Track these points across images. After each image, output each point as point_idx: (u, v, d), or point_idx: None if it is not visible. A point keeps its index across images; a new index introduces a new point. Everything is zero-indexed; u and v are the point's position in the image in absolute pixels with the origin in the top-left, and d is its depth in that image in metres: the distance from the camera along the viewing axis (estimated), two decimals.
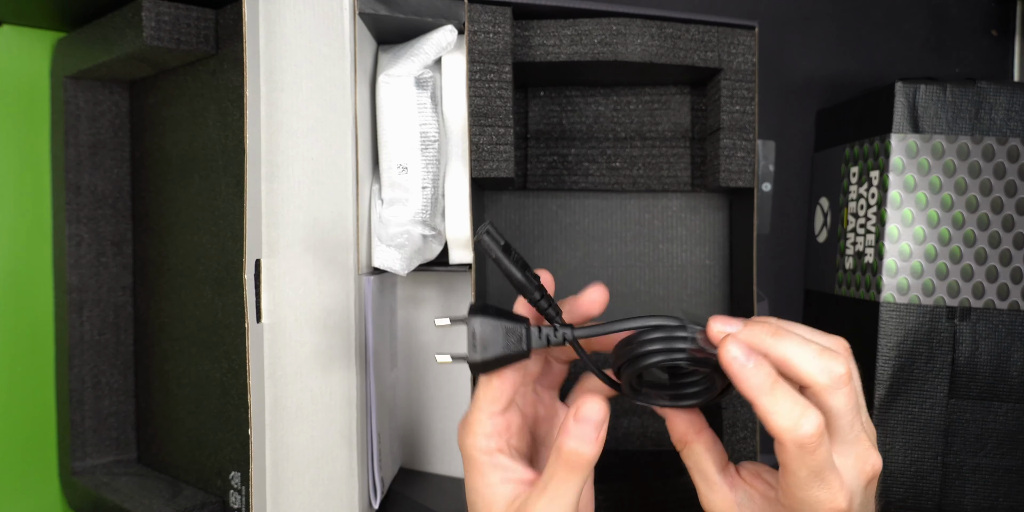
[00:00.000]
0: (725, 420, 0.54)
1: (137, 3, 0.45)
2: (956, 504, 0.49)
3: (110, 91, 0.53)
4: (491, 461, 0.36)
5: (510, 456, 0.36)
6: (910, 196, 0.50)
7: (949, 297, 0.49)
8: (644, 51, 0.51)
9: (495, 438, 0.36)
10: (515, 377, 0.36)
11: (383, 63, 0.48)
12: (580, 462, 0.33)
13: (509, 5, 0.49)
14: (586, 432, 0.33)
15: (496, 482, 0.36)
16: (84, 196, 0.53)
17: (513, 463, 0.36)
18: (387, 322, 0.53)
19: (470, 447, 0.36)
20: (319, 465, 0.44)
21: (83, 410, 0.53)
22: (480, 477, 0.36)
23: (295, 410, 0.43)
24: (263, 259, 0.42)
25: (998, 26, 0.67)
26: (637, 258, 0.59)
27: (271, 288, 0.42)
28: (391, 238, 0.47)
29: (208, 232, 0.47)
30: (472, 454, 0.36)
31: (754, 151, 0.53)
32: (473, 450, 0.36)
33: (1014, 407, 0.49)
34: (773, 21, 0.63)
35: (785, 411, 0.30)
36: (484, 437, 0.36)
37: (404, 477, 0.55)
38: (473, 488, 0.36)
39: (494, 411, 0.36)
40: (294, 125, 0.43)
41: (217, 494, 0.47)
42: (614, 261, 0.59)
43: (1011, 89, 0.49)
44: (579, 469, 0.33)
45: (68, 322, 0.53)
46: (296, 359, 0.43)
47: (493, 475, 0.36)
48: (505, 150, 0.49)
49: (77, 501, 0.52)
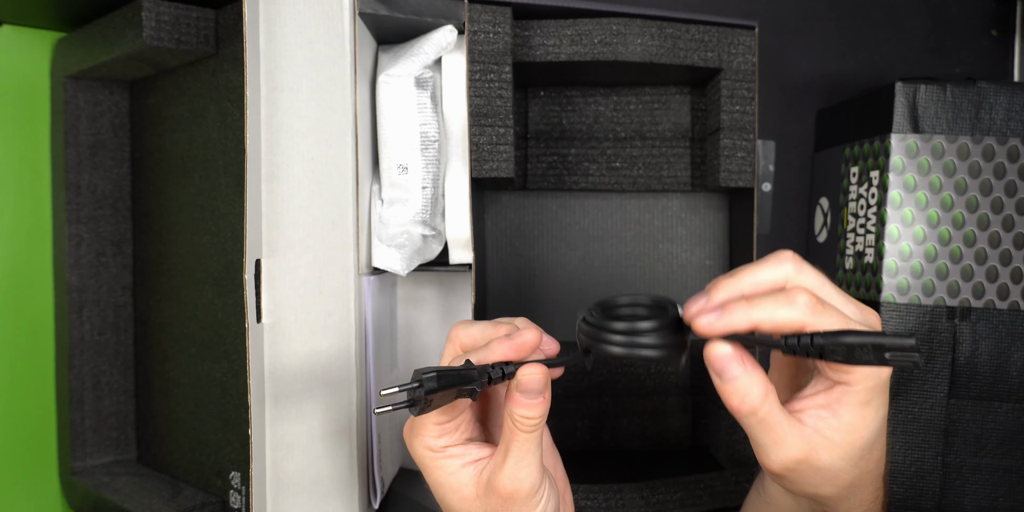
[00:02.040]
0: (723, 420, 0.54)
1: (137, 3, 0.45)
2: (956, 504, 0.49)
3: (110, 91, 0.53)
4: (443, 456, 0.36)
5: (462, 445, 0.37)
6: (910, 196, 0.50)
7: (949, 297, 0.49)
8: (644, 51, 0.51)
9: (443, 438, 0.37)
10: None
11: (383, 63, 0.48)
12: (531, 424, 0.35)
13: (509, 5, 0.49)
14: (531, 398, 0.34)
15: (456, 469, 0.36)
16: (84, 196, 0.53)
17: (466, 449, 0.37)
18: (387, 322, 0.53)
19: (419, 448, 0.37)
20: (319, 465, 0.44)
21: (83, 410, 0.53)
22: (439, 471, 0.36)
23: (295, 410, 0.43)
24: (263, 259, 0.42)
25: (998, 26, 0.67)
26: (637, 258, 0.59)
27: (271, 288, 0.42)
28: (391, 238, 0.47)
29: (208, 232, 0.47)
30: (423, 454, 0.37)
31: (754, 151, 0.53)
32: (423, 450, 0.37)
33: (1014, 407, 0.49)
34: (773, 21, 0.63)
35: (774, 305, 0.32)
36: (432, 438, 0.36)
37: (404, 477, 0.55)
38: (436, 483, 0.37)
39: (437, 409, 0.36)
40: (294, 125, 0.43)
41: (217, 494, 0.47)
42: (614, 261, 0.59)
43: (1011, 89, 0.49)
44: (533, 429, 0.35)
45: (68, 322, 0.53)
46: (296, 359, 0.43)
47: (450, 465, 0.36)
48: (505, 150, 0.49)
49: (77, 501, 0.52)
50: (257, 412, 0.41)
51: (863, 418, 0.33)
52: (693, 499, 0.53)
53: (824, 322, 0.31)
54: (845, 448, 0.33)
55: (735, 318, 0.32)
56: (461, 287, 0.55)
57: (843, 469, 0.34)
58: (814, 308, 0.31)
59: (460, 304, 0.55)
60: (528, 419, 0.34)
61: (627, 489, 0.52)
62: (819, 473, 0.34)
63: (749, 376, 0.32)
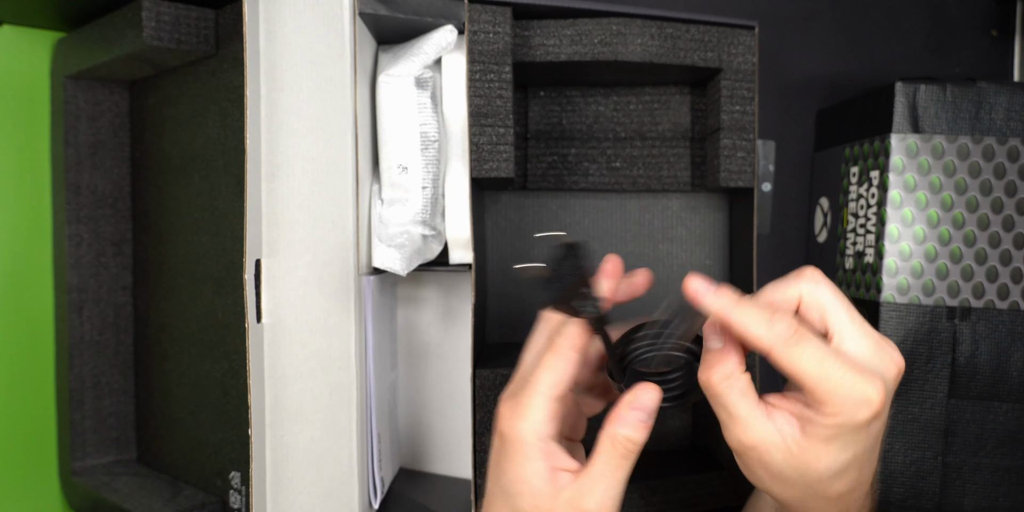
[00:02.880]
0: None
1: (137, 3, 0.45)
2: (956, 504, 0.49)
3: (110, 91, 0.53)
4: (545, 448, 0.34)
5: (557, 443, 0.35)
6: (910, 196, 0.50)
7: (949, 297, 0.49)
8: (644, 51, 0.51)
9: (551, 423, 0.34)
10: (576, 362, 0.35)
11: (383, 63, 0.48)
12: (632, 449, 0.34)
13: (509, 5, 0.49)
14: (640, 418, 0.34)
15: (544, 470, 0.34)
16: (84, 196, 0.53)
17: (562, 452, 0.35)
18: (387, 322, 0.53)
19: (524, 431, 0.34)
20: (319, 465, 0.44)
21: (83, 410, 0.53)
22: (528, 464, 0.34)
23: (295, 410, 0.43)
24: (263, 259, 0.42)
25: (998, 26, 0.67)
26: (637, 258, 0.59)
27: (271, 288, 0.42)
28: (391, 238, 0.47)
29: (208, 232, 0.47)
30: (526, 439, 0.34)
31: (754, 151, 0.53)
32: (527, 434, 0.34)
33: (1014, 407, 0.49)
34: (773, 21, 0.63)
35: (754, 320, 0.32)
36: (541, 422, 0.34)
37: (404, 477, 0.55)
38: (517, 476, 0.34)
39: (553, 395, 0.34)
40: (294, 125, 0.43)
41: (217, 494, 0.47)
42: None
43: (1011, 89, 0.49)
44: (630, 455, 0.34)
45: (68, 322, 0.53)
46: (296, 359, 0.43)
47: (542, 462, 0.34)
48: (505, 150, 0.49)
49: (77, 501, 0.52)
50: (257, 412, 0.41)
51: (820, 455, 0.32)
52: (693, 499, 0.53)
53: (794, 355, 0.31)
54: (796, 466, 0.32)
55: (717, 302, 0.32)
56: (461, 287, 0.55)
57: (791, 481, 0.33)
58: (788, 339, 0.31)
59: (460, 304, 0.55)
60: (631, 441, 0.34)
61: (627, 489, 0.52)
62: (767, 470, 0.33)
63: (724, 352, 0.33)
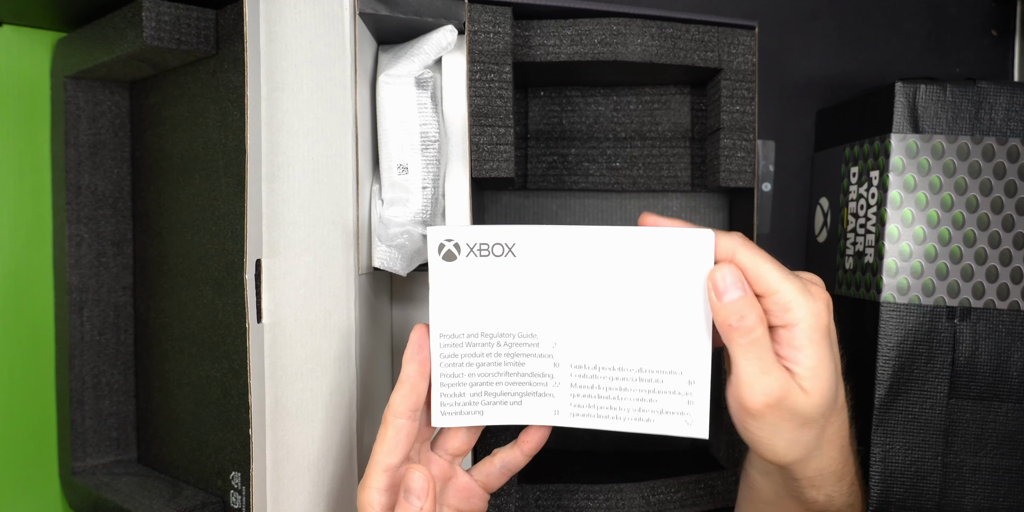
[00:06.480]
0: (723, 420, 0.54)
1: (137, 3, 0.45)
2: (956, 504, 0.49)
3: (110, 91, 0.53)
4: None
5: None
6: (910, 196, 0.50)
7: (949, 297, 0.49)
8: (644, 51, 0.51)
9: (389, 493, 0.37)
10: (410, 429, 0.38)
11: (383, 63, 0.48)
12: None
13: (509, 5, 0.49)
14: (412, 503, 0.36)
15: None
16: (84, 196, 0.53)
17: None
18: (387, 322, 0.53)
19: (363, 502, 0.37)
20: (319, 465, 0.44)
21: (83, 410, 0.53)
22: None
23: (295, 410, 0.43)
24: (264, 259, 0.42)
25: (998, 26, 0.67)
26: None
27: (271, 288, 0.42)
28: (391, 238, 0.47)
29: (208, 232, 0.47)
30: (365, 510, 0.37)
31: (754, 151, 0.53)
32: (366, 506, 0.37)
33: (1014, 407, 0.49)
34: (773, 21, 0.63)
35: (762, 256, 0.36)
36: (377, 492, 0.37)
37: None
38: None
39: (390, 463, 0.37)
40: (294, 125, 0.43)
41: (217, 494, 0.47)
42: None
43: (1011, 89, 0.49)
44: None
45: (68, 322, 0.53)
46: (296, 359, 0.43)
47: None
48: (505, 150, 0.49)
49: (77, 501, 0.52)
50: (257, 412, 0.41)
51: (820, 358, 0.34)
52: (693, 499, 0.53)
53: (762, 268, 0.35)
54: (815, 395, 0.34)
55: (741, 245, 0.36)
56: None
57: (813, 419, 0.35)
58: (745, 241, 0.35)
59: None
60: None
61: (627, 489, 0.52)
62: (793, 418, 0.34)
63: (749, 298, 0.34)
